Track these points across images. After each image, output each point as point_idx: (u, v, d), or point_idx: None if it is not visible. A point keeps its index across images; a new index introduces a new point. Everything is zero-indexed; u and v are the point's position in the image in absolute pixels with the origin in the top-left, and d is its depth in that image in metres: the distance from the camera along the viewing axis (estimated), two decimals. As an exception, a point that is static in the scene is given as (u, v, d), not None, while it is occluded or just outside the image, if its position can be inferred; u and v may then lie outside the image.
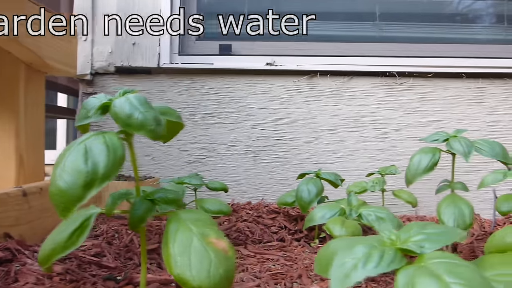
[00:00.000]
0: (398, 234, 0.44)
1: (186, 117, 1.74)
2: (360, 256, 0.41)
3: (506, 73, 1.72)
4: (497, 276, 0.43)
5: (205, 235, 0.56)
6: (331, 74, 1.73)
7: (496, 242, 0.80)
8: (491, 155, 0.96)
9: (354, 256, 0.41)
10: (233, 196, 1.73)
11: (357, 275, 0.40)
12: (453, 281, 0.35)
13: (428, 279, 0.36)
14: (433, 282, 0.36)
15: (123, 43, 1.72)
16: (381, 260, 0.40)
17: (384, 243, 0.43)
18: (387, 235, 0.44)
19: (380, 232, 0.45)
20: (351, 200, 0.87)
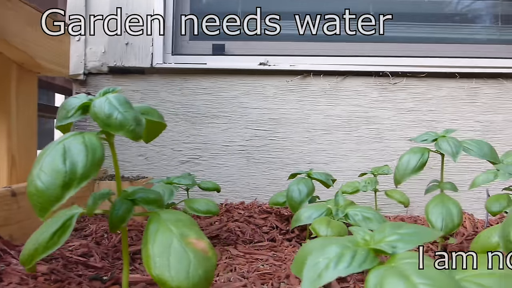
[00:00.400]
0: (372, 234, 0.44)
1: (180, 117, 1.74)
2: (332, 256, 0.41)
3: (500, 73, 1.72)
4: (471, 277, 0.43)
5: (185, 236, 0.56)
6: (324, 74, 1.73)
7: (481, 243, 0.80)
8: (479, 155, 0.96)
9: (326, 256, 0.41)
10: (227, 196, 1.73)
11: (328, 275, 0.39)
12: (421, 282, 0.35)
13: (396, 279, 0.36)
14: (401, 282, 0.36)
15: (116, 43, 1.72)
16: (353, 261, 0.40)
17: (358, 243, 0.43)
18: (361, 235, 0.44)
19: (354, 233, 0.45)
20: (338, 200, 0.87)
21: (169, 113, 1.74)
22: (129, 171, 1.73)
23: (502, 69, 1.72)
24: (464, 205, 1.71)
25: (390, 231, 0.44)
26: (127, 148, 1.73)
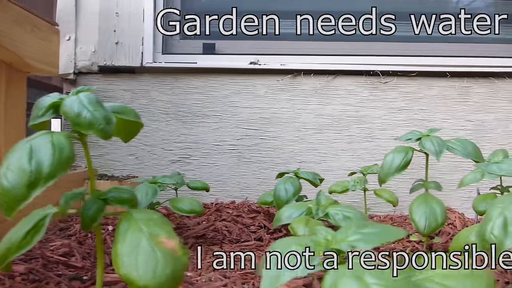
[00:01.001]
0: (335, 234, 0.44)
1: (170, 116, 1.74)
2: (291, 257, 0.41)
3: (491, 72, 1.72)
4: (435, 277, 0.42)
5: (154, 235, 0.56)
6: (315, 73, 1.73)
7: (460, 242, 0.80)
8: (463, 154, 0.95)
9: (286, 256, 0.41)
10: (217, 196, 1.73)
11: (285, 275, 0.39)
12: (373, 282, 0.35)
13: (350, 279, 0.36)
14: (354, 283, 0.35)
15: (106, 42, 1.72)
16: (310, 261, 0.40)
17: (319, 243, 0.42)
18: (323, 235, 0.43)
19: (317, 232, 0.44)
20: (319, 199, 0.87)
21: (159, 113, 1.74)
22: (119, 171, 1.73)
23: (493, 68, 1.71)
24: (455, 204, 1.70)
25: (354, 231, 0.44)
26: (117, 148, 1.73)
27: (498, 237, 0.64)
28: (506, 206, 0.66)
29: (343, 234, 0.44)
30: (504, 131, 1.73)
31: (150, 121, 1.74)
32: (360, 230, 0.43)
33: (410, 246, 1.15)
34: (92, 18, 1.73)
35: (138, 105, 1.73)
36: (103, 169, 1.73)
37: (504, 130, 1.73)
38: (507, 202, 0.66)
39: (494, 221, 0.65)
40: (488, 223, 0.66)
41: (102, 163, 1.73)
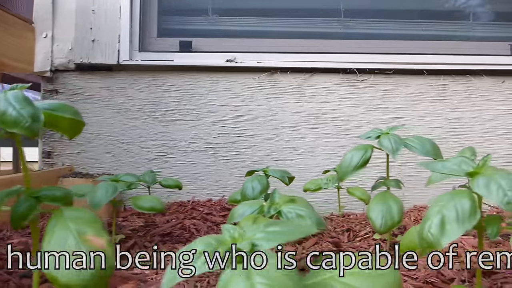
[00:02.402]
0: (242, 232, 0.44)
1: (147, 114, 1.73)
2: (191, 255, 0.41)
3: (468, 70, 1.72)
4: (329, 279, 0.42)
5: (82, 233, 0.56)
6: (291, 70, 1.72)
7: (407, 240, 0.80)
8: (421, 152, 0.95)
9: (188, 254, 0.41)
10: (194, 194, 1.73)
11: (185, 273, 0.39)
12: (260, 281, 0.35)
13: (239, 279, 0.36)
14: (242, 283, 0.35)
15: (82, 39, 1.72)
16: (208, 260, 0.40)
17: (224, 242, 0.42)
18: (229, 233, 0.43)
19: (223, 230, 0.44)
20: (274, 197, 0.87)
21: (136, 110, 1.73)
22: (96, 168, 1.73)
23: (470, 65, 1.71)
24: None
25: (261, 229, 0.44)
26: (94, 145, 1.73)
27: (435, 236, 0.64)
28: (444, 205, 0.66)
29: (251, 233, 0.44)
30: (481, 129, 1.73)
31: (127, 119, 1.73)
32: (266, 228, 0.43)
33: (374, 243, 1.15)
34: (69, 16, 1.73)
35: (115, 102, 1.73)
36: (80, 167, 1.73)
37: (481, 128, 1.73)
38: (446, 200, 0.66)
39: (432, 219, 0.65)
40: (426, 221, 0.66)
41: (79, 161, 1.73)
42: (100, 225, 0.60)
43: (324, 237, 1.24)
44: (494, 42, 1.81)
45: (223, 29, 1.86)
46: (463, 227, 0.63)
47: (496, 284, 0.87)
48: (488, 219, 0.68)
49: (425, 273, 0.93)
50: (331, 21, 1.87)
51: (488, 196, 0.62)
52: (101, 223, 0.60)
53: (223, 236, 0.43)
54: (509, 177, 0.63)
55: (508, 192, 0.61)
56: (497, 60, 1.72)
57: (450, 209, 0.64)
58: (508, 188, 0.62)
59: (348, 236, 1.19)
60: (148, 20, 1.80)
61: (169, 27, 1.85)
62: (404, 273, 0.93)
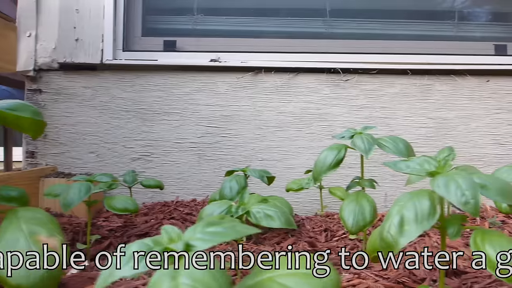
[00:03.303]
0: (179, 233, 0.44)
1: (131, 114, 1.73)
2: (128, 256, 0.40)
3: (452, 70, 1.72)
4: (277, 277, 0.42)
5: (34, 234, 0.55)
6: (276, 70, 1.72)
7: (371, 241, 0.80)
8: (394, 152, 0.95)
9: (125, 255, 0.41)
10: (178, 194, 1.72)
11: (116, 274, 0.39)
12: (185, 282, 0.35)
13: (165, 279, 0.35)
14: (167, 283, 0.35)
15: (66, 39, 1.71)
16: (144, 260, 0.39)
17: (159, 242, 0.42)
18: (168, 234, 0.43)
19: (162, 231, 0.44)
20: (243, 197, 0.87)
21: (120, 110, 1.73)
22: (79, 168, 1.72)
23: (454, 65, 1.71)
24: (415, 202, 1.70)
25: (200, 229, 0.43)
26: (78, 145, 1.72)
27: (394, 236, 0.64)
28: (404, 205, 0.66)
29: (190, 233, 0.43)
30: (466, 128, 1.73)
31: (111, 118, 1.73)
32: (205, 229, 0.43)
33: (351, 244, 1.15)
34: (53, 15, 1.72)
35: (99, 102, 1.73)
36: (63, 167, 1.73)
37: (465, 127, 1.73)
38: (405, 200, 0.66)
39: (391, 220, 0.65)
40: (387, 222, 0.66)
41: (62, 161, 1.73)
42: (55, 226, 0.59)
43: (302, 237, 1.24)
44: (478, 42, 1.81)
45: (208, 29, 1.86)
46: (421, 227, 0.62)
47: (466, 284, 0.87)
48: (450, 219, 0.68)
49: (397, 273, 0.93)
50: (316, 21, 1.87)
51: (447, 196, 0.62)
52: (57, 223, 0.60)
53: (161, 237, 0.43)
54: (468, 177, 0.63)
55: (466, 192, 0.61)
56: (481, 60, 1.72)
57: (409, 209, 0.64)
58: (466, 188, 0.61)
59: (326, 236, 1.19)
60: (132, 19, 1.79)
61: (154, 26, 1.85)
62: (376, 273, 0.93)
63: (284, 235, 1.27)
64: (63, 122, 1.73)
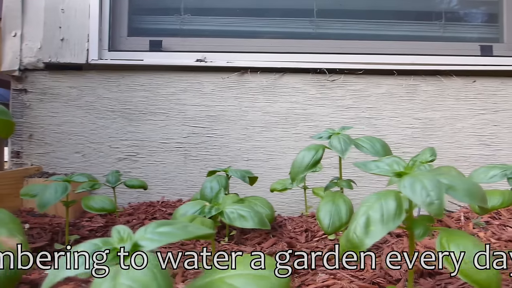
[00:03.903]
0: (130, 233, 0.43)
1: (117, 114, 1.72)
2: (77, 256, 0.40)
3: (438, 70, 1.72)
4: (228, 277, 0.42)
5: (-7, 234, 0.55)
6: (262, 70, 1.72)
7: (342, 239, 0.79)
8: (371, 152, 0.95)
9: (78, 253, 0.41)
10: (164, 194, 1.72)
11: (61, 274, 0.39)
12: (124, 282, 0.34)
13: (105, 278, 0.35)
14: (107, 282, 0.35)
15: (52, 38, 1.70)
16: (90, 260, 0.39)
17: (109, 243, 0.42)
18: (118, 235, 0.43)
19: (113, 231, 0.44)
20: (218, 197, 0.87)
21: (106, 110, 1.72)
22: (65, 169, 1.72)
23: (440, 66, 1.71)
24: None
25: (151, 229, 0.43)
26: (63, 145, 1.72)
27: (359, 237, 0.64)
28: (371, 205, 0.65)
29: (140, 233, 0.43)
30: (452, 129, 1.73)
31: (96, 118, 1.72)
32: (156, 229, 0.43)
33: (330, 244, 1.15)
34: (38, 14, 1.71)
35: (84, 102, 1.72)
36: (49, 167, 1.72)
37: (451, 128, 1.73)
38: (373, 201, 0.66)
39: (358, 220, 0.65)
40: (353, 222, 0.66)
41: (48, 161, 1.72)
42: (17, 226, 0.59)
43: (283, 237, 1.24)
44: (464, 43, 1.81)
45: (194, 29, 1.86)
46: (387, 228, 0.62)
47: (440, 284, 0.87)
48: (417, 219, 0.68)
49: (373, 273, 0.92)
50: (302, 21, 1.87)
51: (413, 196, 0.62)
52: (19, 223, 0.60)
53: (111, 237, 0.43)
54: (434, 178, 0.63)
55: (431, 193, 0.61)
56: (467, 61, 1.73)
57: (375, 209, 0.64)
58: (431, 189, 0.61)
59: (306, 237, 1.19)
60: (118, 19, 1.79)
61: (140, 26, 1.85)
62: (352, 274, 0.93)
63: (265, 235, 1.27)
64: (48, 122, 1.72)
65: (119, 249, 0.40)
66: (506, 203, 0.87)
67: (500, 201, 0.86)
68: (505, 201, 0.86)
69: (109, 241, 0.42)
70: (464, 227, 1.50)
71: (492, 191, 0.89)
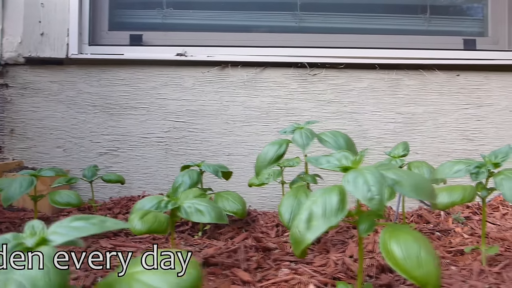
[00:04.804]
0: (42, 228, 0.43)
1: (98, 108, 1.72)
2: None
3: (420, 64, 1.70)
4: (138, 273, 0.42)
5: None
6: (242, 65, 1.71)
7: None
8: (334, 147, 0.94)
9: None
10: (145, 188, 1.72)
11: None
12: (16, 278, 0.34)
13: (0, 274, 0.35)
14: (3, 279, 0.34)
15: (32, 33, 1.70)
16: None
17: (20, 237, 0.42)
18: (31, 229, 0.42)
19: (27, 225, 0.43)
20: (177, 192, 0.86)
21: (87, 105, 1.72)
22: (47, 163, 1.72)
23: (422, 60, 1.70)
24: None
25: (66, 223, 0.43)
26: (44, 140, 1.72)
27: (301, 232, 0.63)
28: (315, 200, 0.65)
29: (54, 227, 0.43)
30: (434, 124, 1.72)
31: (77, 113, 1.72)
32: (71, 223, 0.42)
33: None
34: (18, 9, 1.71)
35: (65, 97, 1.72)
36: (30, 162, 1.72)
37: (434, 123, 1.72)
38: (317, 196, 0.65)
39: (301, 215, 0.65)
40: (297, 217, 0.66)
41: (29, 156, 1.72)
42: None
43: (255, 232, 1.24)
44: (447, 37, 1.79)
45: (174, 23, 1.85)
46: (328, 223, 0.62)
47: (399, 280, 0.86)
48: (363, 215, 0.67)
49: (334, 268, 0.92)
50: (283, 15, 1.86)
51: (354, 191, 0.61)
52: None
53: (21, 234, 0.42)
54: (377, 173, 0.62)
55: (372, 187, 0.60)
56: (450, 55, 1.71)
57: (319, 204, 0.64)
58: (373, 184, 0.61)
59: (277, 232, 1.19)
60: (99, 13, 1.78)
61: (120, 20, 1.84)
62: (314, 269, 0.93)
63: (238, 230, 1.27)
64: (30, 117, 1.72)
65: (25, 243, 0.40)
66: (467, 198, 0.86)
67: (460, 196, 0.86)
68: (465, 196, 0.86)
69: (20, 236, 0.42)
70: (443, 222, 1.49)
71: (454, 187, 0.88)
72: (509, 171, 0.86)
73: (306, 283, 0.84)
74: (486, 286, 0.80)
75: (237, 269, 0.94)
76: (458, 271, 0.87)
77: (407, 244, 0.60)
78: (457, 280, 0.81)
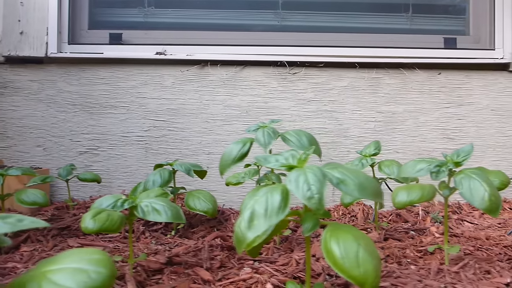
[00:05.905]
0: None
1: (77, 107, 1.72)
2: None
3: (401, 63, 1.70)
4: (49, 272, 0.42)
5: None
6: (222, 63, 1.71)
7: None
8: (297, 146, 0.94)
9: None
10: (125, 187, 1.72)
11: None
12: None
13: None
14: None
15: (11, 32, 1.70)
16: None
17: None
18: None
19: None
20: (136, 191, 0.86)
21: (67, 104, 1.72)
22: (27, 162, 1.72)
23: (403, 59, 1.69)
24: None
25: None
26: (25, 139, 1.72)
27: (243, 231, 0.63)
28: (258, 199, 0.65)
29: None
30: (415, 122, 1.71)
31: (57, 112, 1.72)
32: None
33: (268, 238, 1.14)
34: (-1, 8, 1.71)
35: (45, 96, 1.72)
36: (10, 161, 1.72)
37: (414, 121, 1.71)
38: (260, 195, 0.65)
39: (243, 215, 0.64)
40: (239, 217, 0.65)
41: (10, 155, 1.72)
42: None
43: (227, 231, 1.24)
44: (428, 35, 1.79)
45: (153, 21, 1.84)
46: (270, 222, 0.62)
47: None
48: (307, 214, 0.67)
49: (295, 267, 0.92)
50: (263, 14, 1.85)
51: (295, 191, 0.61)
52: None
53: None
54: (318, 171, 0.62)
55: (312, 187, 0.60)
56: (430, 53, 1.70)
57: (261, 203, 0.63)
58: (313, 183, 0.60)
59: (246, 231, 1.18)
60: (78, 12, 1.78)
61: (100, 19, 1.83)
62: (276, 268, 0.92)
63: (210, 229, 1.27)
64: (10, 116, 1.72)
65: None
66: (426, 197, 0.85)
67: (419, 195, 0.85)
68: (424, 195, 0.85)
69: None
70: (421, 221, 1.49)
71: (413, 186, 0.88)
72: (470, 170, 0.86)
73: (264, 282, 0.84)
74: (441, 285, 0.79)
75: (199, 268, 0.93)
76: (417, 271, 0.86)
77: (346, 243, 0.59)
78: (413, 279, 0.81)
